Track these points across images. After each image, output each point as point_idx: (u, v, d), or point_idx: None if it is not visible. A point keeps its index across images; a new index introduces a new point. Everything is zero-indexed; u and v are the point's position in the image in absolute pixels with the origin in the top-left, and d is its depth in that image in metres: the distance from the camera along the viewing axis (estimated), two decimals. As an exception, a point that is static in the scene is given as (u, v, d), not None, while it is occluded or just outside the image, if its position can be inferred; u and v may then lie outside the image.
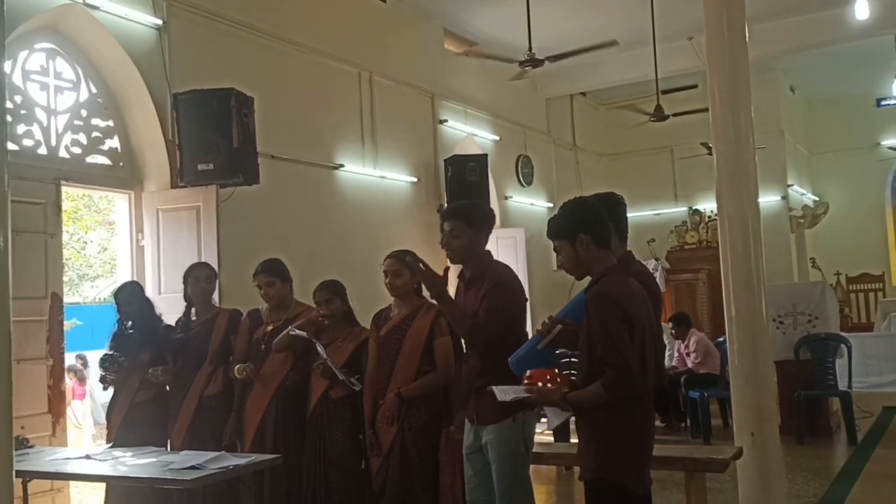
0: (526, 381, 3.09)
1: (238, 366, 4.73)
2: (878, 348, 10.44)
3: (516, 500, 3.59)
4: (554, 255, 3.27)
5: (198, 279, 5.05)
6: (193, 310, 5.10)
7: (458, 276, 3.89)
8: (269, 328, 4.83)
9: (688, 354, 8.64)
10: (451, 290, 3.79)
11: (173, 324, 5.16)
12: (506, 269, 3.86)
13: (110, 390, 5.07)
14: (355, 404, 4.50)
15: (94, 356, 5.32)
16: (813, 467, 6.74)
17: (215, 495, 4.59)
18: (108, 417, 5.03)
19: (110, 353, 4.91)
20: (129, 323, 5.08)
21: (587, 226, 3.07)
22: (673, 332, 8.71)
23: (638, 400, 2.95)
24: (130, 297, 5.11)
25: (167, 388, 5.01)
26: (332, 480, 4.46)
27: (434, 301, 3.86)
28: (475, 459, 3.71)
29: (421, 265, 3.69)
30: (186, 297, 5.10)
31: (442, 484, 4.16)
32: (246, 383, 4.78)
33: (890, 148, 15.02)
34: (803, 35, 11.14)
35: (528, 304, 3.91)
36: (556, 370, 3.12)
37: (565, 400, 2.99)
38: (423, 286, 3.94)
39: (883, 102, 14.32)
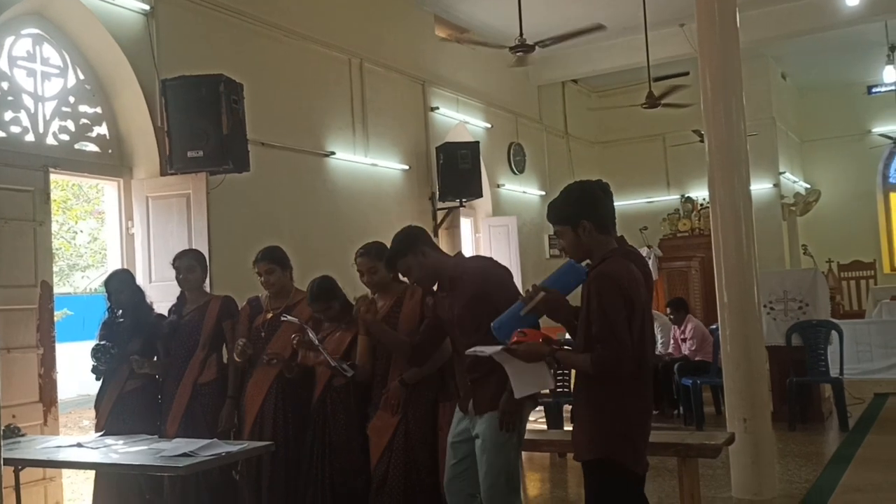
0: (516, 339, 3.10)
1: (236, 345, 4.68)
2: (870, 335, 10.52)
3: (502, 494, 3.58)
4: (546, 242, 3.29)
5: (178, 270, 5.02)
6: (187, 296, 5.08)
7: (439, 288, 3.87)
8: (269, 315, 4.81)
9: (683, 341, 8.65)
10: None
11: (166, 311, 5.12)
12: (477, 263, 3.91)
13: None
14: (357, 391, 4.49)
15: (85, 347, 5.28)
16: (805, 453, 6.76)
17: (209, 483, 4.58)
18: (96, 406, 4.99)
19: (101, 343, 4.88)
20: (120, 312, 5.04)
21: (590, 213, 3.10)
22: (671, 316, 8.72)
23: (636, 380, 2.98)
24: (121, 286, 5.07)
25: (157, 377, 4.99)
26: (334, 467, 4.45)
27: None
28: (461, 448, 3.70)
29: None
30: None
31: (441, 463, 4.15)
32: (243, 370, 4.77)
33: (881, 135, 15.03)
34: (794, 21, 11.12)
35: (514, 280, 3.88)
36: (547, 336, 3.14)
37: (553, 356, 3.02)
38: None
39: (874, 90, 14.36)
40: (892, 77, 13.40)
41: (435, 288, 3.87)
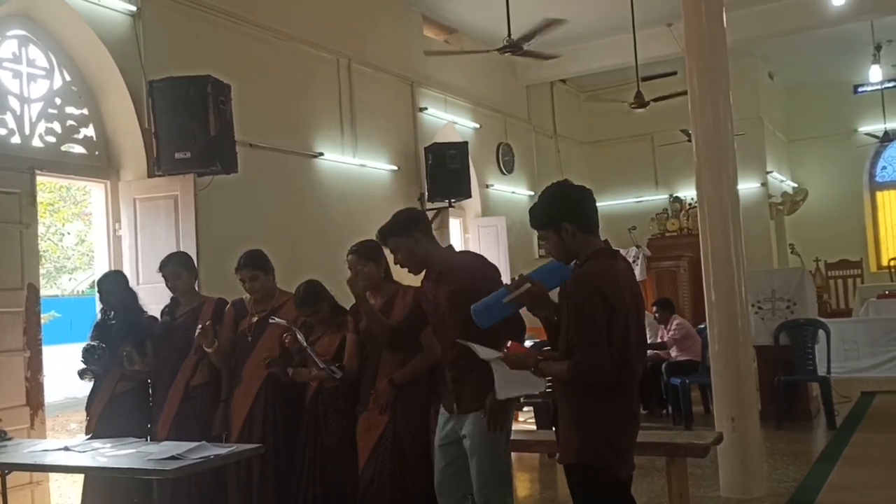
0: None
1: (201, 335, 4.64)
2: (857, 334, 10.58)
3: (496, 491, 3.58)
4: (535, 243, 3.27)
5: (165, 279, 4.99)
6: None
7: (425, 278, 3.86)
8: (255, 319, 4.78)
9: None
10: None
11: (158, 313, 5.09)
12: (466, 258, 3.91)
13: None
14: (347, 393, 4.48)
15: (72, 350, 5.25)
16: (792, 452, 6.78)
17: (199, 486, 4.56)
18: (87, 409, 4.96)
19: (92, 343, 4.85)
20: (112, 313, 5.01)
21: (570, 215, 3.05)
22: (656, 316, 8.75)
23: (619, 384, 2.92)
24: (113, 287, 5.04)
25: (148, 380, 4.96)
26: (326, 469, 4.44)
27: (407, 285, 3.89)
28: (449, 450, 3.69)
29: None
30: None
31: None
32: (234, 373, 4.75)
33: (867, 134, 15.11)
34: (781, 21, 11.17)
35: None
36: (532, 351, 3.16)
37: (537, 367, 3.01)
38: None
39: (860, 89, 14.41)
40: (878, 76, 13.49)
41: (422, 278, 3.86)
